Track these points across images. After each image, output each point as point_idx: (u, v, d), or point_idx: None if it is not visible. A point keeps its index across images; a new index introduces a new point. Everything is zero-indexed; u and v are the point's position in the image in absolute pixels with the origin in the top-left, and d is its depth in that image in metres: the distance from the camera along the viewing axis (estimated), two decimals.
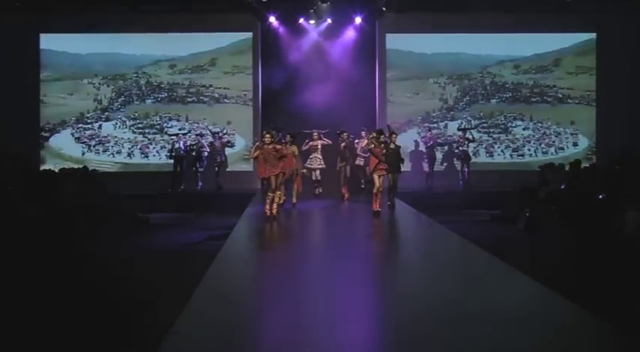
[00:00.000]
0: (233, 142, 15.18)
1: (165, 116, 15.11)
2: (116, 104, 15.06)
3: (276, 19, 14.96)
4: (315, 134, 12.32)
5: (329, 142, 12.36)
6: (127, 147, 15.09)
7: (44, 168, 13.95)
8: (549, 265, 6.79)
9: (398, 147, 10.88)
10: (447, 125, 15.27)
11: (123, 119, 15.14)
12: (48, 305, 5.41)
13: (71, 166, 13.13)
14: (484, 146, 15.31)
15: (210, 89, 15.10)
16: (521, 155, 15.26)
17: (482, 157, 15.36)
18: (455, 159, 15.08)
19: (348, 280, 5.59)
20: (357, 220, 10.36)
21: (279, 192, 9.95)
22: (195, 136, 14.87)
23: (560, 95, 15.29)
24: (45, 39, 15.17)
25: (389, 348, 3.87)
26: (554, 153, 15.15)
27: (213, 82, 15.07)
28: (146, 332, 4.64)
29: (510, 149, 15.33)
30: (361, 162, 12.97)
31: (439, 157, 15.18)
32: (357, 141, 13.08)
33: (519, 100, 15.26)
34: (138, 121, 15.18)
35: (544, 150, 15.26)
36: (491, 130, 15.36)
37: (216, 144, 14.71)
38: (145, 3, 14.85)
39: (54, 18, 14.86)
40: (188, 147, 14.65)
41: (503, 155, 15.35)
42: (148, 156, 15.09)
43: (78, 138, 15.00)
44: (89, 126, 15.02)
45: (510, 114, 15.21)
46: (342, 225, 9.94)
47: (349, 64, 15.09)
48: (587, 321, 4.25)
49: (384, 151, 10.14)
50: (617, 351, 3.87)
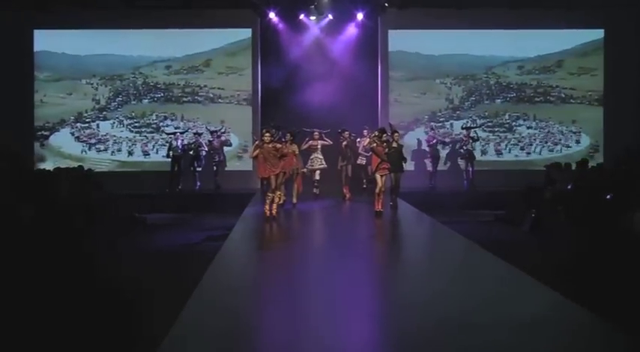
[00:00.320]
0: (232, 141, 15.18)
1: (161, 115, 15.43)
2: (114, 104, 15.45)
3: (276, 15, 14.95)
4: (316, 133, 12.26)
5: (329, 143, 12.30)
6: (126, 146, 15.38)
7: (44, 166, 14.29)
8: (556, 267, 6.75)
9: (400, 146, 10.84)
10: (452, 124, 15.52)
11: (120, 118, 15.49)
12: (42, 306, 5.37)
13: (71, 164, 13.35)
14: (491, 144, 15.49)
15: (205, 89, 15.45)
16: (528, 153, 15.54)
17: (487, 156, 15.48)
18: (459, 158, 15.07)
19: (349, 282, 5.55)
20: (359, 221, 10.34)
21: (279, 192, 9.92)
22: (193, 135, 14.85)
23: (563, 95, 15.64)
24: (40, 37, 15.27)
25: None
26: (558, 151, 15.46)
27: (208, 82, 15.44)
28: (142, 336, 4.60)
29: (517, 147, 15.57)
30: (363, 162, 12.96)
31: (443, 156, 15.17)
32: (358, 140, 13.05)
33: (523, 100, 15.62)
34: (135, 120, 15.49)
35: (550, 148, 15.56)
36: (496, 129, 15.65)
37: (215, 143, 14.69)
38: None
39: (49, 14, 14.85)
40: (186, 147, 14.63)
41: (508, 154, 15.59)
42: (149, 154, 15.36)
43: (77, 137, 15.35)
44: (88, 126, 15.38)
45: (514, 113, 15.58)
46: (344, 225, 9.91)
47: (351, 61, 15.07)
48: (602, 327, 4.18)
49: (386, 150, 10.12)
50: None
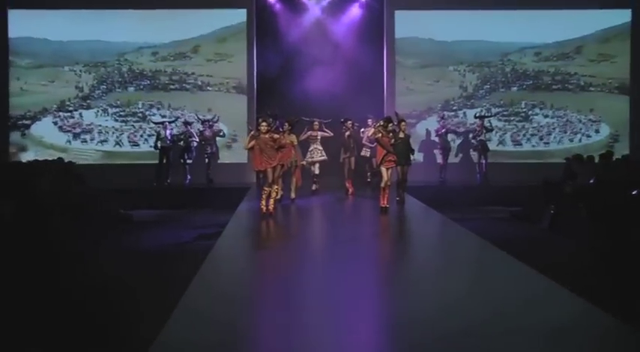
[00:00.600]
0: (225, 131, 15.20)
1: (148, 104, 15.60)
2: (98, 92, 15.66)
3: None
4: (316, 123, 12.21)
5: (329, 134, 12.25)
6: (112, 136, 15.54)
7: (25, 156, 14.52)
8: (576, 269, 6.74)
9: (408, 137, 10.82)
10: (465, 113, 15.67)
11: (104, 107, 15.66)
12: (20, 310, 5.37)
13: (53, 154, 13.51)
14: (508, 134, 15.61)
15: (193, 76, 15.64)
16: (547, 143, 15.66)
17: (504, 146, 15.57)
18: (471, 149, 15.07)
19: (352, 287, 5.53)
20: (363, 217, 10.32)
21: (276, 186, 9.90)
22: (183, 124, 14.84)
23: (582, 83, 15.78)
24: (19, 21, 15.29)
25: None
26: (577, 142, 15.63)
27: (196, 70, 15.65)
28: (127, 343, 4.60)
29: (535, 137, 15.70)
30: (367, 153, 12.95)
31: (454, 148, 15.21)
32: (362, 130, 13.02)
33: (540, 88, 15.77)
34: (120, 109, 15.66)
35: (570, 137, 15.69)
36: (512, 119, 15.78)
37: (207, 133, 14.67)
38: None
39: None
40: (175, 137, 14.64)
41: (524, 145, 15.70)
42: (138, 144, 15.52)
43: (61, 127, 15.54)
44: (70, 115, 15.57)
45: (531, 101, 15.75)
46: (346, 223, 9.89)
47: (354, 44, 15.05)
48: (632, 337, 4.16)
49: (392, 141, 10.08)
50: None
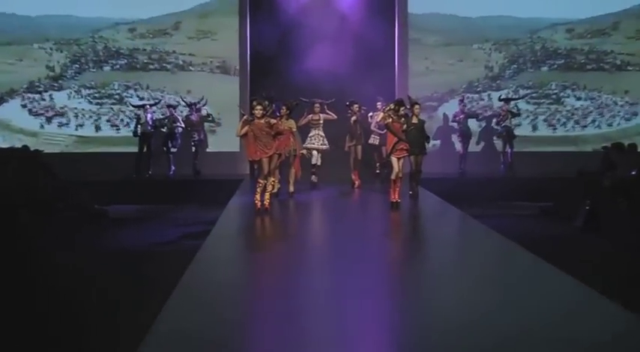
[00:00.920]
0: (214, 116, 15.20)
1: (124, 85, 15.78)
2: (70, 71, 15.84)
3: None
4: (317, 105, 12.10)
5: (333, 117, 12.14)
6: (90, 120, 15.68)
7: None
8: (615, 273, 6.69)
9: (422, 122, 10.77)
10: (490, 96, 15.81)
11: (77, 88, 15.81)
12: None
13: (23, 140, 13.85)
14: (540, 118, 15.76)
15: (174, 55, 15.82)
16: (584, 126, 15.81)
17: (533, 132, 15.66)
18: (495, 136, 15.09)
19: (359, 293, 5.49)
20: (371, 214, 10.32)
21: (272, 179, 9.89)
22: (167, 108, 14.81)
23: (619, 62, 15.95)
24: None
25: None
26: (614, 126, 15.80)
27: (177, 48, 15.82)
28: None
29: (570, 122, 15.84)
30: (376, 141, 12.92)
31: (475, 135, 15.20)
32: (370, 115, 12.98)
33: (573, 68, 16.02)
34: (95, 90, 15.80)
35: (608, 122, 15.84)
36: (542, 101, 15.93)
37: (193, 117, 14.63)
38: None
39: None
40: (157, 122, 14.61)
41: (558, 129, 15.83)
42: (119, 128, 15.64)
43: (30, 110, 15.68)
44: (41, 96, 15.73)
45: (562, 82, 15.98)
46: (352, 220, 9.86)
47: (362, 16, 14.95)
48: None
49: (404, 127, 10.05)
50: None
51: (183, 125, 14.64)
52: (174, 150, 14.66)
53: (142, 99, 15.31)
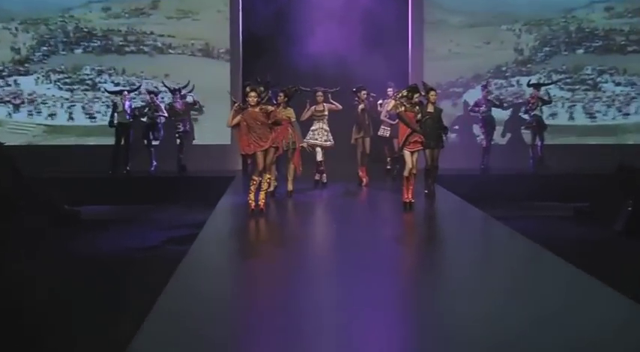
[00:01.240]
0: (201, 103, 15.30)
1: (98, 69, 15.89)
2: (38, 54, 16.06)
3: None
4: (320, 94, 12.05)
5: (338, 107, 12.09)
6: (62, 108, 15.78)
7: None
8: None
9: (439, 111, 10.79)
10: (519, 81, 15.89)
11: (46, 73, 15.89)
12: None
13: None
14: (578, 106, 15.85)
15: (152, 37, 15.97)
16: (627, 114, 15.84)
17: (575, 121, 15.74)
18: (523, 127, 15.15)
19: (368, 305, 5.50)
20: (381, 216, 10.36)
21: (268, 176, 9.89)
22: (148, 94, 14.81)
23: None
24: None
25: None
26: None
27: (155, 29, 15.99)
28: None
29: (611, 110, 15.89)
30: (386, 133, 12.96)
31: (500, 125, 15.24)
32: (380, 103, 13.03)
33: (612, 50, 16.07)
34: (65, 75, 15.92)
35: None
36: (577, 87, 15.99)
37: (178, 105, 14.65)
38: None
39: None
40: (137, 111, 14.63)
41: (596, 119, 15.89)
42: (95, 118, 15.77)
43: None
44: (5, 82, 15.85)
45: (600, 66, 16.05)
46: (359, 223, 9.89)
47: None
48: None
49: (418, 116, 10.04)
50: None
51: (166, 114, 14.64)
52: (155, 142, 14.70)
53: (117, 85, 15.44)
